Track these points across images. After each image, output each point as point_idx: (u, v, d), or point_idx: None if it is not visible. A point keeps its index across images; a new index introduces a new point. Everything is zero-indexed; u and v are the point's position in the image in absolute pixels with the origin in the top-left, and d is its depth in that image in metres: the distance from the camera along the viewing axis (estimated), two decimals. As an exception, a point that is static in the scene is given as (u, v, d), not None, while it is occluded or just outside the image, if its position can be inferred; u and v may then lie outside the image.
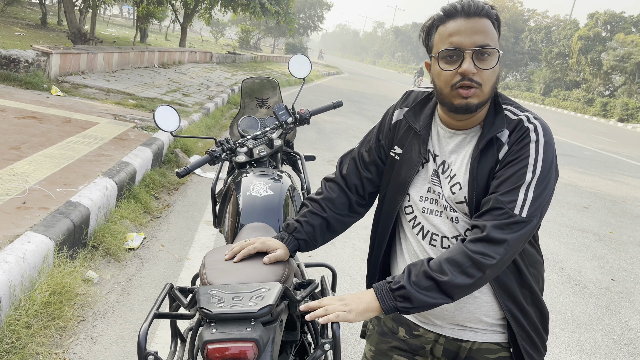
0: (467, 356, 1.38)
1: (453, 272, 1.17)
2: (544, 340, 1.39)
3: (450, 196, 1.32)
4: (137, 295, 3.02)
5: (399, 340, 1.46)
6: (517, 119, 1.28)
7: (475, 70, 1.21)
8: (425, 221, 1.36)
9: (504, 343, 1.37)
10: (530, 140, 1.23)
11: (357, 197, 1.52)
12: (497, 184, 1.22)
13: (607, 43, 39.87)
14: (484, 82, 1.22)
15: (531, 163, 1.21)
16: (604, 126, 30.72)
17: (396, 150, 1.43)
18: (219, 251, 1.49)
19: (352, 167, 1.52)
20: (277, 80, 2.70)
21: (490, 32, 1.22)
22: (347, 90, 22.11)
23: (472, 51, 1.20)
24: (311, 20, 54.18)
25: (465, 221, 1.31)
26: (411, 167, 1.38)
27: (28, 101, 6.37)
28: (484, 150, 1.27)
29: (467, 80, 1.21)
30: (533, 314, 1.34)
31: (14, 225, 2.94)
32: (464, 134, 1.33)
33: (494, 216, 1.19)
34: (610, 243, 5.72)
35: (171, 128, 2.13)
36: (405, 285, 1.19)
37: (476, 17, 1.21)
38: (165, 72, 13.43)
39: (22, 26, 16.98)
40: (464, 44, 1.20)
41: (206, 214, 4.48)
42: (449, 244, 1.33)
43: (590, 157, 13.30)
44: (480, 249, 1.17)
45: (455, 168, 1.32)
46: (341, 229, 1.54)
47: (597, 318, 3.74)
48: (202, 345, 1.10)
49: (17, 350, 2.23)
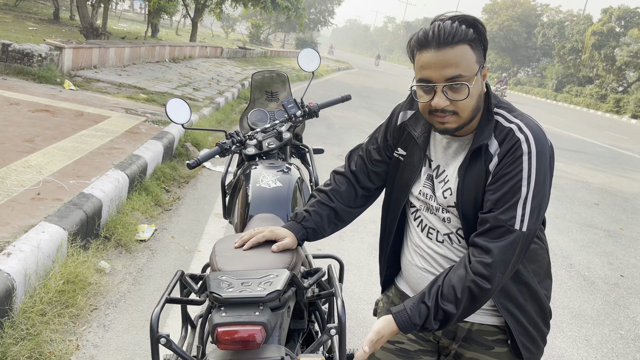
0: (465, 337, 1.43)
1: (466, 302, 1.24)
2: (543, 334, 1.41)
3: (442, 200, 1.37)
4: (148, 285, 3.08)
5: None
6: (507, 127, 1.28)
7: (448, 102, 1.23)
8: (424, 217, 1.44)
9: (501, 325, 1.41)
10: (523, 152, 1.23)
11: (364, 191, 1.58)
12: (494, 200, 1.24)
13: (620, 38, 39.37)
14: (460, 110, 1.24)
15: (525, 177, 1.22)
16: (617, 122, 30.38)
17: (400, 152, 1.49)
18: (228, 240, 1.52)
19: (361, 163, 1.57)
20: (287, 74, 2.73)
21: (462, 61, 1.21)
22: (357, 86, 22.08)
23: (442, 85, 1.22)
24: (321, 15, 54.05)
25: (456, 221, 1.37)
26: (412, 170, 1.44)
27: (41, 95, 6.46)
28: (472, 158, 1.30)
29: (439, 112, 1.25)
30: (531, 309, 1.37)
31: (29, 216, 3.01)
32: (460, 141, 1.36)
33: (497, 235, 1.23)
34: (620, 239, 5.69)
35: (182, 120, 2.17)
36: (427, 327, 1.28)
37: (447, 48, 1.20)
38: (176, 67, 13.51)
39: (34, 21, 17.14)
40: (434, 78, 1.22)
41: (216, 206, 4.53)
42: (442, 239, 1.40)
43: (602, 153, 13.19)
44: (488, 273, 1.22)
45: (449, 174, 1.37)
46: (348, 219, 1.59)
47: (605, 313, 3.74)
48: (212, 329, 1.14)
49: (31, 337, 2.29)
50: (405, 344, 1.51)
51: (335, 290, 1.31)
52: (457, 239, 1.38)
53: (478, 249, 1.24)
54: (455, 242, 1.38)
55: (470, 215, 1.31)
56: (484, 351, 1.42)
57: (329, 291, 1.37)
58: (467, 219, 1.32)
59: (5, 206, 3.07)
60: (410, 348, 1.51)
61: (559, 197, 7.12)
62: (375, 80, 29.43)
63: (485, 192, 1.28)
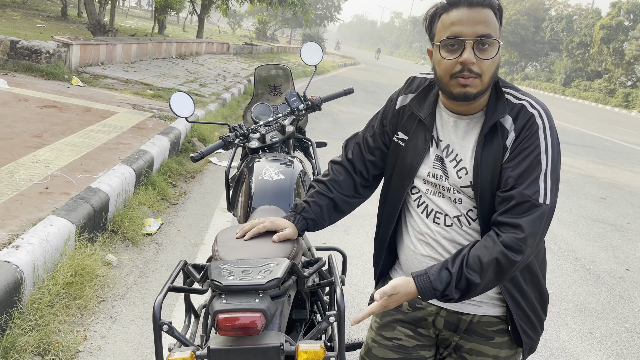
0: (467, 328, 1.43)
1: (491, 274, 1.23)
2: (541, 320, 1.42)
3: (456, 180, 1.35)
4: (155, 278, 3.12)
5: (403, 313, 1.50)
6: (519, 104, 1.31)
7: (475, 60, 1.23)
8: (430, 201, 1.41)
9: (502, 316, 1.41)
10: (539, 127, 1.27)
11: (362, 180, 1.57)
12: (516, 177, 1.25)
13: (629, 32, 38.98)
14: (484, 72, 1.25)
15: (543, 151, 1.25)
16: (626, 117, 30.13)
17: (400, 136, 1.47)
18: (230, 230, 1.55)
19: (357, 151, 1.57)
20: (290, 68, 2.75)
21: (492, 23, 1.24)
22: (363, 81, 22.05)
23: (473, 41, 1.23)
24: (328, 11, 53.88)
25: (468, 202, 1.35)
26: (417, 154, 1.41)
27: (49, 91, 6.52)
28: (488, 136, 1.30)
29: (466, 70, 1.24)
30: (532, 294, 1.38)
31: (37, 209, 3.05)
32: (468, 119, 1.36)
33: (523, 210, 1.23)
34: (627, 233, 5.67)
35: (186, 114, 2.20)
36: (449, 294, 1.25)
37: (479, 7, 1.23)
38: (182, 63, 13.56)
39: (42, 18, 17.25)
40: (465, 33, 1.23)
41: (222, 201, 4.56)
42: (451, 222, 1.38)
43: (610, 148, 13.11)
44: (519, 247, 1.22)
45: (461, 153, 1.35)
46: (347, 209, 1.59)
47: (610, 307, 3.74)
48: (213, 315, 1.16)
49: (40, 327, 2.33)
50: (402, 340, 1.50)
51: (334, 279, 1.33)
52: (466, 221, 1.36)
53: (506, 226, 1.24)
54: (465, 225, 1.37)
55: (487, 194, 1.30)
56: (485, 342, 1.43)
57: (328, 280, 1.40)
58: (484, 198, 1.30)
59: (14, 200, 3.12)
60: (408, 344, 1.50)
61: (565, 192, 7.09)
62: (381, 75, 29.36)
63: (503, 169, 1.28)
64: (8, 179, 3.40)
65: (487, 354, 1.43)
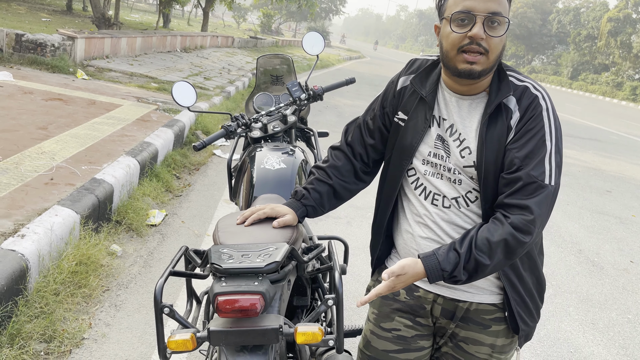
0: (463, 316, 1.43)
1: (500, 255, 1.23)
2: (538, 307, 1.43)
3: (459, 160, 1.35)
4: (159, 268, 3.14)
5: (400, 302, 1.50)
6: (522, 85, 1.32)
7: (484, 36, 1.24)
8: (428, 182, 1.41)
9: (499, 304, 1.41)
10: (542, 108, 1.28)
11: (362, 165, 1.57)
12: (522, 157, 1.25)
13: (637, 25, 38.62)
14: (491, 50, 1.25)
15: (547, 132, 1.26)
16: (633, 110, 29.92)
17: (400, 116, 1.46)
18: (231, 216, 1.57)
19: (357, 134, 1.57)
20: (291, 58, 2.75)
21: (503, 2, 1.25)
22: (368, 74, 21.98)
23: (484, 16, 1.23)
24: (333, 4, 53.71)
25: (467, 183, 1.35)
26: (417, 132, 1.41)
27: (54, 84, 6.55)
28: (493, 116, 1.30)
29: (475, 44, 1.24)
30: (529, 280, 1.38)
31: (43, 200, 3.08)
32: (470, 99, 1.35)
33: (530, 191, 1.23)
34: (632, 226, 5.65)
35: (188, 103, 2.21)
36: (457, 276, 1.25)
37: None
38: (187, 57, 13.57)
39: (48, 12, 17.30)
40: (478, 8, 1.23)
41: (225, 193, 4.58)
42: (449, 204, 1.37)
43: (616, 141, 13.04)
44: (528, 228, 1.23)
45: (464, 133, 1.35)
46: (347, 196, 1.60)
47: (613, 298, 3.74)
48: (212, 298, 1.18)
49: (45, 315, 2.36)
50: (401, 330, 1.49)
51: (333, 264, 1.35)
52: (464, 202, 1.36)
53: (514, 208, 1.24)
54: (463, 207, 1.37)
55: (490, 174, 1.30)
56: (482, 330, 1.42)
57: (327, 265, 1.41)
58: (487, 178, 1.30)
59: (20, 190, 3.15)
60: (407, 334, 1.49)
61: (570, 184, 7.07)
62: (387, 69, 29.25)
63: (507, 150, 1.28)
64: (14, 170, 3.43)
65: (483, 342, 1.43)
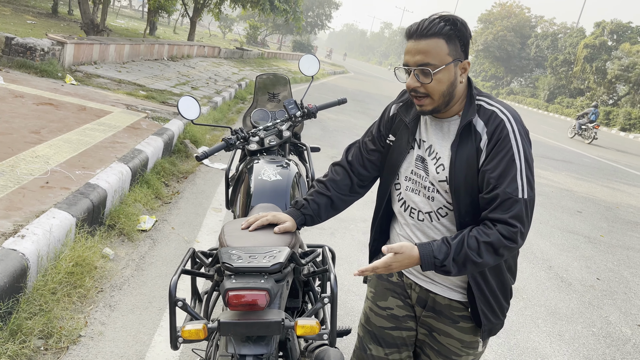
0: (435, 308, 1.64)
1: (488, 255, 1.42)
2: (502, 307, 1.62)
3: (435, 175, 1.55)
4: (150, 271, 3.26)
5: (393, 283, 1.73)
6: (490, 109, 1.51)
7: (417, 85, 1.47)
8: (407, 197, 1.63)
9: (466, 302, 1.62)
10: (509, 131, 1.46)
11: (359, 180, 1.80)
12: (497, 177, 1.43)
13: (612, 52, 39.99)
14: (431, 92, 1.47)
15: (515, 152, 1.44)
16: (606, 135, 30.88)
17: (391, 138, 1.70)
18: (235, 222, 1.73)
19: (357, 153, 1.80)
20: (288, 77, 2.94)
21: (432, 51, 1.43)
22: (352, 90, 22.33)
23: (412, 69, 1.46)
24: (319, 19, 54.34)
25: (439, 200, 1.56)
26: (401, 152, 1.64)
27: (44, 88, 6.61)
28: (463, 136, 1.50)
29: (412, 92, 1.49)
30: (494, 282, 1.58)
31: (39, 202, 3.18)
32: (447, 121, 1.56)
33: (508, 206, 1.42)
34: (600, 245, 5.94)
35: (192, 116, 2.37)
36: (447, 265, 1.43)
37: (423, 39, 1.44)
38: (174, 65, 13.67)
39: (33, 14, 17.22)
40: (409, 62, 1.47)
41: (214, 201, 4.72)
42: (423, 217, 1.60)
43: (588, 164, 13.51)
44: (513, 237, 1.41)
45: (440, 151, 1.55)
46: (342, 206, 1.82)
47: (579, 312, 3.97)
48: (223, 293, 1.34)
49: (44, 313, 2.47)
50: (394, 309, 1.71)
51: (328, 267, 1.52)
52: (436, 217, 1.57)
53: (497, 222, 1.42)
54: (434, 220, 1.57)
55: (460, 188, 1.48)
56: (451, 324, 1.64)
57: (323, 268, 1.58)
58: (458, 192, 1.48)
59: (17, 192, 3.24)
60: (399, 313, 1.71)
61: (543, 204, 7.37)
62: (370, 84, 29.71)
63: (483, 172, 1.46)
64: (10, 173, 3.52)
65: (453, 336, 1.64)
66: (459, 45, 1.47)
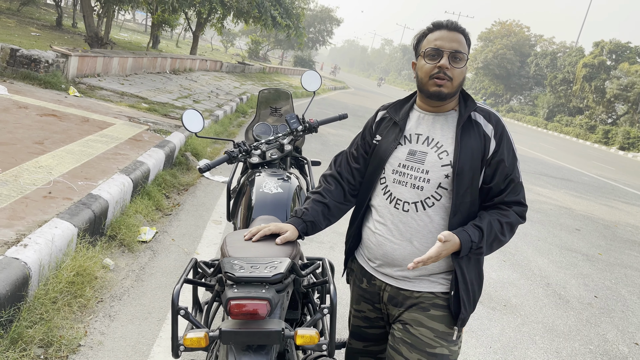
0: (406, 303, 1.72)
1: (509, 234, 1.69)
2: (475, 297, 1.72)
3: (437, 161, 1.68)
4: (150, 282, 3.28)
5: (363, 289, 1.85)
6: (484, 107, 1.74)
7: (449, 66, 1.64)
8: (394, 189, 1.73)
9: (438, 292, 1.70)
10: (505, 127, 1.71)
11: (349, 187, 1.88)
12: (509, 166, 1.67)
13: (611, 72, 40.33)
14: (454, 77, 1.65)
15: (514, 145, 1.72)
16: (605, 153, 31.01)
17: (377, 139, 1.83)
18: (237, 233, 1.76)
19: (344, 162, 1.92)
20: (290, 92, 2.99)
21: (463, 44, 1.67)
22: (352, 105, 22.47)
23: (449, 52, 1.64)
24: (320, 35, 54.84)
25: (429, 190, 1.68)
26: (387, 148, 1.77)
27: (48, 100, 6.68)
28: (465, 127, 1.68)
29: (442, 72, 1.64)
30: (472, 272, 1.71)
31: (42, 212, 3.21)
32: (444, 115, 1.73)
33: (518, 189, 1.70)
34: (598, 263, 5.96)
35: (196, 129, 2.42)
36: (482, 247, 1.63)
37: (455, 32, 1.67)
38: (176, 79, 13.79)
39: (37, 27, 17.41)
40: (444, 46, 1.65)
41: (214, 213, 4.75)
42: (408, 208, 1.70)
43: (587, 182, 13.56)
44: (523, 214, 1.72)
45: (442, 140, 1.70)
46: (339, 214, 1.89)
47: (577, 329, 3.98)
48: (225, 302, 1.36)
49: (44, 322, 2.48)
50: (366, 312, 1.86)
51: (328, 278, 1.54)
52: (422, 206, 1.69)
53: (512, 203, 1.68)
54: (420, 210, 1.69)
55: (463, 171, 1.63)
56: (421, 312, 1.70)
57: (322, 279, 1.61)
58: (461, 174, 1.63)
59: (20, 202, 3.27)
60: (370, 316, 1.85)
61: (542, 221, 7.40)
62: (371, 100, 29.90)
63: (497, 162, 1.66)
64: (13, 182, 3.55)
65: (424, 325, 1.69)
66: (468, 48, 1.69)
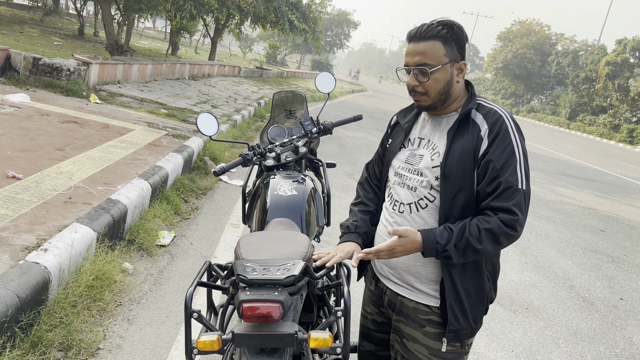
0: (402, 311, 1.67)
1: (489, 243, 1.48)
2: (475, 312, 1.59)
3: (428, 163, 1.62)
4: (168, 286, 3.30)
5: (371, 291, 1.85)
6: (489, 107, 1.61)
7: (417, 83, 1.58)
8: (394, 191, 1.72)
9: (434, 307, 1.62)
10: (508, 126, 1.55)
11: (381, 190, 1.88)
12: (499, 167, 1.50)
13: (635, 69, 39.47)
14: (428, 90, 1.58)
15: (515, 145, 1.53)
16: (630, 153, 30.32)
17: (389, 142, 1.84)
18: (250, 236, 1.75)
19: (372, 169, 1.94)
20: (304, 95, 2.99)
21: (430, 52, 1.54)
22: (369, 108, 22.41)
23: (411, 69, 1.58)
24: (337, 38, 54.90)
25: (421, 191, 1.62)
26: (392, 151, 1.77)
27: (70, 107, 6.80)
28: (460, 125, 1.59)
29: (412, 90, 1.61)
30: (471, 283, 1.58)
31: (62, 217, 3.26)
32: (446, 117, 1.66)
33: (509, 195, 1.48)
34: (623, 265, 5.81)
35: (210, 133, 2.42)
36: (448, 251, 1.48)
37: (421, 41, 1.55)
38: (195, 84, 13.92)
39: (60, 36, 17.76)
40: (408, 63, 1.59)
41: (232, 217, 4.76)
42: (403, 209, 1.66)
43: (612, 182, 13.27)
44: (513, 225, 1.48)
45: (437, 142, 1.64)
46: None
47: (602, 333, 3.88)
48: (238, 305, 1.36)
49: (64, 325, 2.51)
50: (374, 315, 1.84)
51: (342, 281, 1.53)
52: (415, 208, 1.63)
53: (498, 210, 1.49)
54: (413, 212, 1.63)
55: (451, 172, 1.54)
56: (418, 328, 1.65)
57: (336, 282, 1.59)
58: (448, 175, 1.55)
59: (41, 207, 3.33)
60: (378, 319, 1.83)
61: (565, 223, 7.25)
62: (388, 102, 29.78)
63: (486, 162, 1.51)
64: (34, 188, 3.62)
65: (420, 341, 1.64)
66: (456, 47, 1.57)
